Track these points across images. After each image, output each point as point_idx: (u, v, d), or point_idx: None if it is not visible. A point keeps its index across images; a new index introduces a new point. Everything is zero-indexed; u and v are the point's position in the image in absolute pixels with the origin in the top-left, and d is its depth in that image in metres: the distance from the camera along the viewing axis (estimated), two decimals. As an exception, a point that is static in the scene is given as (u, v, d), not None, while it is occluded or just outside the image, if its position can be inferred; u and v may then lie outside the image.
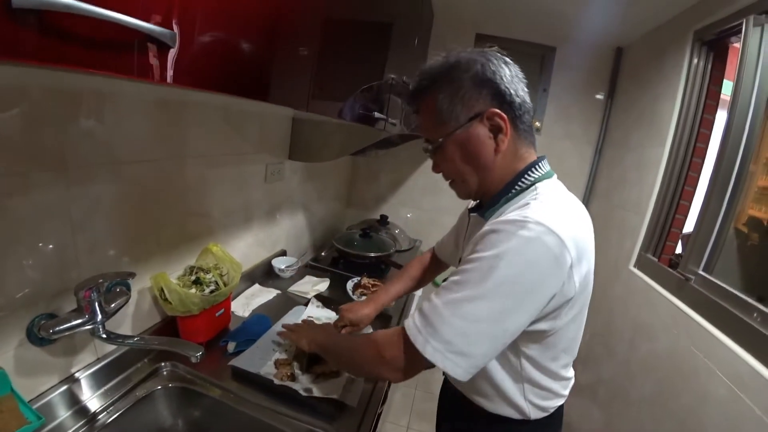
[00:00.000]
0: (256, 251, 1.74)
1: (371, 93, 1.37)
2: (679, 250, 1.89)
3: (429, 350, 0.75)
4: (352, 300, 1.64)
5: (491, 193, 0.91)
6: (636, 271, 1.99)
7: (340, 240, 2.14)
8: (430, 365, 0.78)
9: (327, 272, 1.97)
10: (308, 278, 1.84)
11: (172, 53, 0.53)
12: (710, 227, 1.55)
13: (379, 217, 2.55)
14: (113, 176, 0.97)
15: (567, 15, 2.23)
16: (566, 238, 0.73)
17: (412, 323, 0.80)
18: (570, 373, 1.00)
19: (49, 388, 0.93)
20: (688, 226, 1.84)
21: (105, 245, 0.99)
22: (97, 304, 0.86)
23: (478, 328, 0.73)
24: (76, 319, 0.85)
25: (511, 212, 0.79)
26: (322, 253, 2.26)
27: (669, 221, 1.90)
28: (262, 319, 1.36)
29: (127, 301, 0.97)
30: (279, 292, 1.68)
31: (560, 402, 0.99)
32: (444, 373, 1.17)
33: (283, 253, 1.96)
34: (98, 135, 0.91)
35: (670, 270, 1.75)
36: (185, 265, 1.26)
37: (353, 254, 2.07)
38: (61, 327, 0.83)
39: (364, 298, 1.65)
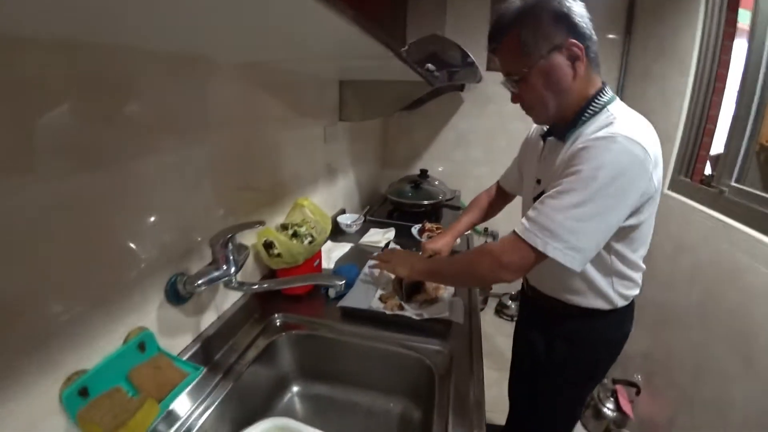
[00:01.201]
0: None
1: (419, 48, 1.29)
2: (707, 171, 1.88)
3: (550, 249, 0.81)
4: (419, 243, 1.61)
5: (567, 115, 0.95)
6: (671, 193, 1.95)
7: (393, 193, 2.10)
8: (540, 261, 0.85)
9: (387, 224, 1.93)
10: (373, 230, 1.80)
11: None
12: (739, 144, 1.56)
13: (419, 172, 2.48)
14: (215, 138, 0.93)
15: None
16: (647, 146, 0.81)
17: (526, 230, 0.84)
18: (644, 265, 1.06)
19: (186, 346, 0.91)
20: (715, 148, 1.83)
21: (214, 206, 0.95)
22: (231, 255, 0.82)
23: (587, 226, 0.80)
24: (214, 271, 0.81)
25: (595, 131, 0.85)
26: (375, 209, 2.22)
27: (698, 144, 1.88)
28: (350, 267, 1.32)
29: (248, 254, 0.94)
30: (352, 245, 1.66)
31: (637, 291, 1.07)
32: (526, 284, 1.24)
33: (343, 211, 1.92)
34: (202, 99, 0.86)
35: (704, 186, 1.75)
36: (275, 224, 1.22)
37: (408, 204, 2.03)
38: (204, 279, 0.80)
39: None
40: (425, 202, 2.04)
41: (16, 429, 0.56)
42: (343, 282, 0.87)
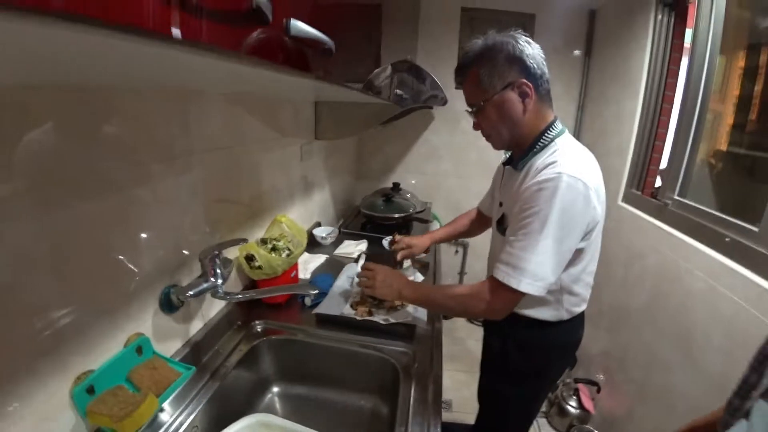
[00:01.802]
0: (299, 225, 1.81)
1: (387, 73, 1.43)
2: (658, 183, 2.05)
3: (523, 285, 0.96)
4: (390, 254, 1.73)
5: (521, 145, 1.10)
6: (624, 205, 2.14)
7: (366, 206, 2.23)
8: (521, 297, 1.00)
9: (360, 236, 2.06)
10: (347, 242, 1.93)
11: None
12: (680, 159, 1.74)
13: (391, 185, 2.62)
14: (201, 164, 1.04)
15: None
16: (587, 181, 0.95)
17: (501, 273, 0.99)
18: (593, 280, 1.19)
19: (176, 350, 1.02)
20: (664, 163, 2.00)
21: (201, 224, 1.07)
22: (218, 268, 0.94)
23: (548, 258, 0.96)
24: (203, 283, 0.93)
25: (543, 168, 0.99)
26: (349, 221, 2.35)
27: (647, 160, 2.07)
28: (325, 277, 1.45)
29: (233, 267, 1.05)
30: (327, 256, 1.77)
31: (584, 305, 1.20)
32: None
33: (318, 224, 2.04)
34: (189, 129, 0.98)
35: (651, 199, 1.94)
36: (255, 238, 1.34)
37: (380, 217, 2.17)
38: (194, 290, 0.91)
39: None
40: (396, 215, 2.18)
41: (34, 422, 0.67)
42: (316, 291, 1.00)
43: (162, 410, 0.88)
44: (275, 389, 1.22)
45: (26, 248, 0.63)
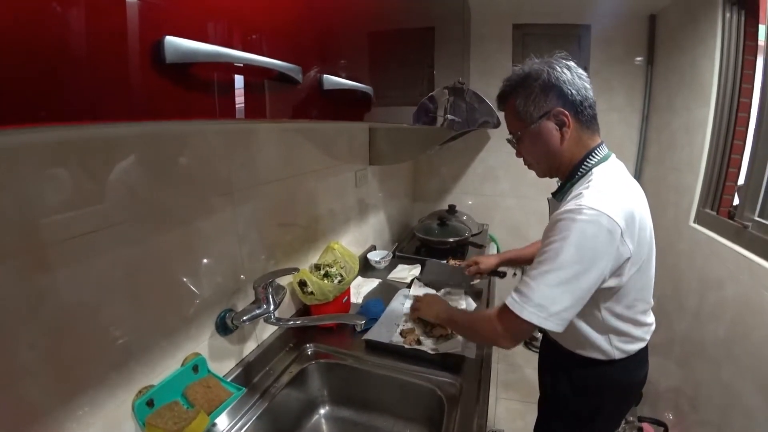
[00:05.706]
0: (353, 249, 1.85)
1: (437, 97, 1.46)
2: (736, 201, 1.84)
3: (526, 313, 0.92)
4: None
5: (562, 173, 1.08)
6: (696, 226, 1.95)
7: (421, 230, 2.24)
8: (534, 329, 0.95)
9: (414, 260, 2.06)
10: (401, 266, 1.95)
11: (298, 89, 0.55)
12: (760, 175, 1.56)
13: (447, 207, 2.62)
14: (259, 195, 1.12)
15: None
16: (614, 215, 0.89)
17: (510, 299, 0.96)
18: (649, 318, 1.13)
19: (230, 369, 1.08)
20: (743, 179, 1.80)
21: (258, 252, 1.15)
22: (270, 295, 1.00)
23: (557, 291, 0.91)
24: (256, 309, 1.00)
25: (571, 200, 0.96)
26: (404, 245, 2.37)
27: (723, 176, 1.87)
28: (377, 302, 1.48)
29: (285, 294, 1.12)
30: (380, 280, 1.81)
31: (640, 345, 1.12)
32: (542, 334, 1.28)
33: (373, 248, 2.09)
34: (248, 163, 1.07)
35: (729, 220, 1.74)
36: (309, 264, 1.40)
37: (435, 241, 2.17)
38: (248, 316, 0.98)
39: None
40: (450, 240, 2.18)
41: (102, 428, 0.75)
42: (363, 321, 1.03)
43: (214, 425, 0.95)
44: (322, 411, 1.26)
45: (107, 275, 0.73)
